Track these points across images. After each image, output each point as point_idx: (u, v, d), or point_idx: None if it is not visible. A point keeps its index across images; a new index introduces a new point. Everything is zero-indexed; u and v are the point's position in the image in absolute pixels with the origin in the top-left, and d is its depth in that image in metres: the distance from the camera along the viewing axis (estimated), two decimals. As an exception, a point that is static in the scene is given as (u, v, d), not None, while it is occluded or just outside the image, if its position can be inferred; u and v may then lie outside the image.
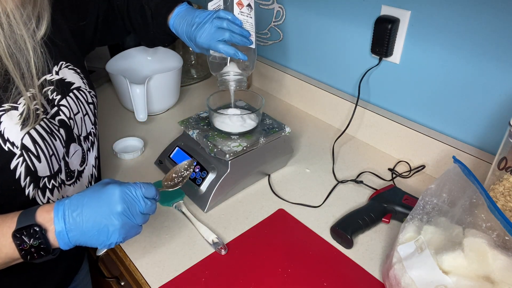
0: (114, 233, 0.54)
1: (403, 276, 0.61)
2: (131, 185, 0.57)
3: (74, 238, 0.53)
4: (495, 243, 0.55)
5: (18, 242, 0.52)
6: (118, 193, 0.55)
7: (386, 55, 0.93)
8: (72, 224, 0.53)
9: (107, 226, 0.54)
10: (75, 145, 0.70)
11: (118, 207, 0.54)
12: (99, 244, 0.55)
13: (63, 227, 0.53)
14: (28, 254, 0.52)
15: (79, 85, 0.71)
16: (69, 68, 0.71)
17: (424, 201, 0.63)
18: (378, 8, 0.92)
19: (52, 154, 0.64)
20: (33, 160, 0.60)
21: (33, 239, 0.52)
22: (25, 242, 0.51)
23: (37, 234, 0.52)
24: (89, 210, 0.53)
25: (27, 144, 0.59)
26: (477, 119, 0.85)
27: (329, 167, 0.97)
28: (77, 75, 0.72)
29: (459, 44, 0.82)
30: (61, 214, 0.53)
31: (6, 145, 0.57)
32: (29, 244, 0.51)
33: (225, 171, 0.83)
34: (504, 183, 0.63)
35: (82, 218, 0.53)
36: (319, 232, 0.79)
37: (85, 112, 0.73)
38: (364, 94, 1.04)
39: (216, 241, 0.75)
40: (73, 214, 0.53)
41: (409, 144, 0.96)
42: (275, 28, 1.20)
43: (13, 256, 0.53)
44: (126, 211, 0.55)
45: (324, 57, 1.11)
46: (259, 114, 0.89)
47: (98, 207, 0.54)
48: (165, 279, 0.70)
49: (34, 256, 0.52)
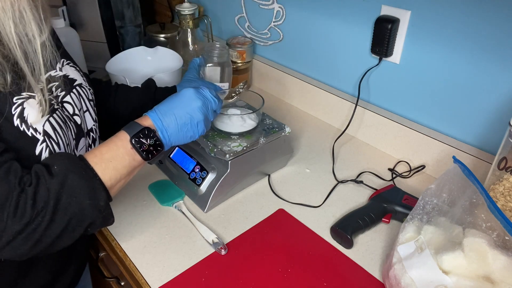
0: (200, 124, 0.68)
1: (403, 276, 0.61)
2: (200, 86, 0.70)
3: (172, 137, 0.65)
4: (495, 243, 0.55)
5: (138, 145, 0.61)
6: (194, 92, 0.68)
7: (386, 55, 0.93)
8: (169, 123, 0.65)
9: (194, 119, 0.67)
10: (84, 139, 0.71)
11: (199, 102, 0.67)
12: (189, 137, 0.68)
13: (162, 127, 0.64)
14: (148, 153, 0.62)
15: (80, 82, 0.72)
16: (70, 66, 0.72)
17: (424, 201, 0.63)
18: (378, 8, 0.92)
19: (68, 144, 0.65)
20: (54, 147, 0.61)
21: (149, 138, 0.62)
22: (144, 144, 0.62)
23: (151, 133, 0.62)
24: (178, 110, 0.66)
25: (48, 131, 0.61)
26: (477, 119, 0.85)
27: (329, 167, 0.97)
28: (78, 72, 0.73)
29: (459, 44, 0.82)
30: (157, 118, 0.64)
31: (30, 131, 0.59)
32: (147, 143, 0.62)
33: (225, 171, 0.83)
34: (504, 183, 0.63)
35: (175, 117, 0.65)
36: (319, 232, 0.79)
37: (86, 109, 0.73)
38: (364, 94, 1.04)
39: (216, 241, 0.75)
40: (166, 117, 0.65)
41: (409, 144, 0.96)
42: (275, 28, 1.20)
43: (133, 163, 0.62)
44: (205, 105, 0.68)
45: (324, 57, 1.11)
46: (259, 114, 0.89)
47: (184, 107, 0.66)
48: (165, 279, 0.70)
49: (154, 153, 0.63)
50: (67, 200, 0.54)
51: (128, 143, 0.61)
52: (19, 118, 0.57)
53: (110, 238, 0.78)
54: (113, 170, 0.59)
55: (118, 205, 0.84)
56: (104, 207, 0.58)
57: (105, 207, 0.58)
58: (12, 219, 0.50)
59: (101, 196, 0.57)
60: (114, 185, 0.60)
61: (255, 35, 1.28)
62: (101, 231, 0.81)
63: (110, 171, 0.59)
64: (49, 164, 0.56)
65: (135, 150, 0.61)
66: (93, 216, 0.57)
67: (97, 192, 0.57)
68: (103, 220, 0.59)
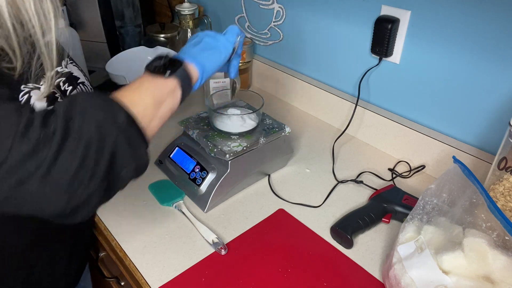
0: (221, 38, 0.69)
1: (403, 276, 0.61)
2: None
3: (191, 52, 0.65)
4: (495, 243, 0.55)
5: (151, 68, 0.58)
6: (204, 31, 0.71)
7: (386, 55, 0.93)
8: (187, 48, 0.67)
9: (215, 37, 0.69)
10: None
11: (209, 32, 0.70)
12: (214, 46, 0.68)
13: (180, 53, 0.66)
14: (165, 68, 0.58)
15: (83, 81, 0.73)
16: (74, 65, 0.73)
17: (424, 201, 0.63)
18: (378, 8, 0.92)
19: None
20: None
21: (163, 58, 0.59)
22: (157, 64, 0.59)
23: (163, 56, 0.60)
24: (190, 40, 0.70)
25: None
26: (477, 119, 0.85)
27: (329, 167, 0.97)
28: (80, 71, 0.74)
29: (459, 44, 0.82)
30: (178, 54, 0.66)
31: None
32: (162, 62, 0.59)
33: (225, 171, 0.83)
34: (504, 183, 0.63)
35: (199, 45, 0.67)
36: (319, 232, 0.79)
37: None
38: (364, 94, 1.04)
39: (216, 241, 0.75)
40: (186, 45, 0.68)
41: (409, 144, 0.96)
42: (275, 28, 1.20)
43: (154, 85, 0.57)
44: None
45: (324, 57, 1.11)
46: (259, 114, 0.89)
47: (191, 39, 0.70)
48: (165, 279, 0.70)
49: (171, 66, 0.59)
50: (79, 119, 0.46)
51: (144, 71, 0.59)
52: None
53: (110, 238, 0.78)
54: (132, 92, 0.54)
55: (118, 205, 0.84)
56: (124, 124, 0.50)
57: (126, 125, 0.50)
58: (21, 139, 0.44)
59: (119, 112, 0.50)
60: (141, 113, 0.53)
61: (255, 35, 1.28)
62: (101, 231, 0.81)
63: (128, 93, 0.54)
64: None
65: (151, 73, 0.58)
66: (112, 135, 0.48)
67: (113, 107, 0.50)
68: (128, 146, 0.50)
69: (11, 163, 0.43)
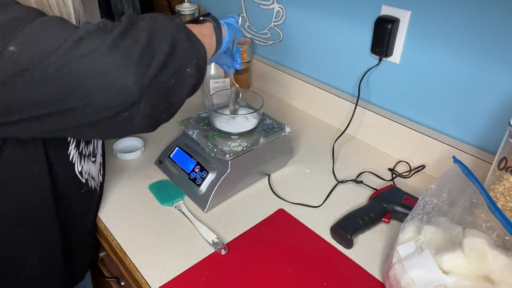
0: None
1: (403, 276, 0.61)
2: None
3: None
4: (495, 243, 0.55)
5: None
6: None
7: (386, 55, 0.93)
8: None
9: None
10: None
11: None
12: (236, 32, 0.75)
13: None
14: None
15: None
16: None
17: (424, 201, 0.63)
18: (378, 8, 0.92)
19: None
20: None
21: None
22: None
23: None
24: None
25: None
26: (477, 119, 0.85)
27: (329, 167, 0.97)
28: None
29: (459, 44, 0.82)
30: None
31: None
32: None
33: (225, 171, 0.83)
34: (504, 183, 0.63)
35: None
36: (319, 232, 0.79)
37: None
38: (364, 94, 1.04)
39: (216, 241, 0.75)
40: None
41: (409, 144, 0.96)
42: (275, 28, 1.20)
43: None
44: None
45: (324, 57, 1.11)
46: (259, 114, 0.89)
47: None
48: (165, 279, 0.70)
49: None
50: (141, 21, 0.50)
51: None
52: None
53: (110, 238, 0.78)
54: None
55: (118, 205, 0.84)
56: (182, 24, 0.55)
57: (183, 25, 0.56)
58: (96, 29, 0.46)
59: (175, 18, 0.56)
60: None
61: (255, 35, 1.28)
62: (101, 231, 0.81)
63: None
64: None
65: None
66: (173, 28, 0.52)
67: (170, 16, 0.55)
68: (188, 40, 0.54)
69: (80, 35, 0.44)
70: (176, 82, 0.51)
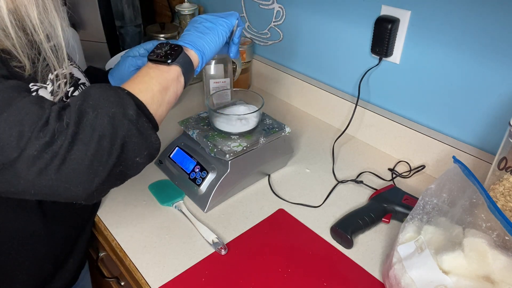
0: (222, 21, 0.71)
1: (403, 276, 0.61)
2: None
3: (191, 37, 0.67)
4: (495, 243, 0.55)
5: (154, 57, 0.62)
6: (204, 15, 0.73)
7: (386, 55, 0.93)
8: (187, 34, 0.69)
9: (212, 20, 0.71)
10: None
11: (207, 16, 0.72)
12: (213, 33, 0.69)
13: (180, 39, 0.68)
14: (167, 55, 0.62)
15: (84, 81, 0.73)
16: (74, 66, 0.73)
17: (424, 201, 0.63)
18: (378, 8, 0.92)
19: None
20: None
21: (163, 47, 0.64)
22: (159, 53, 0.62)
23: (163, 44, 0.64)
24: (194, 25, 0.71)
25: None
26: (477, 119, 0.85)
27: (329, 167, 0.97)
28: (81, 73, 0.74)
29: (459, 44, 0.82)
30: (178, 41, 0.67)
31: None
32: (163, 50, 0.63)
33: (225, 171, 0.83)
34: (504, 183, 0.63)
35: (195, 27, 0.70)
36: (319, 232, 0.79)
37: None
38: (364, 94, 1.04)
39: (216, 241, 0.75)
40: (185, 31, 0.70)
41: (409, 144, 0.96)
42: (275, 28, 1.20)
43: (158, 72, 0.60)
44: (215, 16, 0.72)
45: (324, 57, 1.11)
46: (259, 114, 0.89)
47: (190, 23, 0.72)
48: (165, 279, 0.70)
49: (173, 53, 0.62)
50: (92, 114, 0.49)
51: (148, 61, 0.62)
52: None
53: (110, 238, 0.78)
54: (139, 83, 0.58)
55: (118, 205, 0.84)
56: (135, 116, 0.52)
57: (136, 117, 0.52)
58: (38, 133, 0.46)
59: (129, 104, 0.52)
60: (149, 101, 0.56)
61: (255, 35, 1.28)
62: (101, 231, 0.81)
63: (136, 84, 0.57)
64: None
65: (154, 62, 0.61)
66: (124, 128, 0.51)
67: (124, 100, 0.52)
68: (141, 136, 0.53)
69: (30, 153, 0.46)
70: (125, 170, 0.53)
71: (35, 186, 0.47)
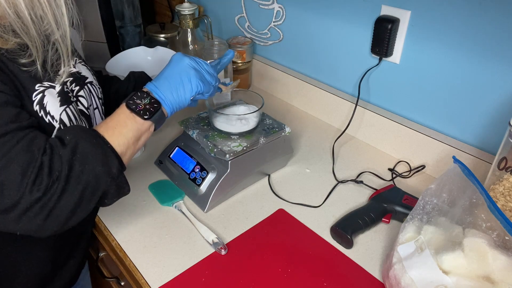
0: (193, 79, 0.69)
1: (403, 276, 0.61)
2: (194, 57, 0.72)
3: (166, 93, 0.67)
4: (495, 243, 0.55)
5: (134, 106, 0.63)
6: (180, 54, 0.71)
7: (386, 55, 0.93)
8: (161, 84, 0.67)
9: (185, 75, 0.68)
10: None
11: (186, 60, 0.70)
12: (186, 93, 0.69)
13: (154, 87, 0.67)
14: (146, 111, 0.64)
15: (91, 80, 0.74)
16: (82, 64, 0.74)
17: (424, 201, 0.63)
18: (378, 8, 0.92)
19: None
20: None
21: (143, 99, 0.64)
22: (139, 104, 0.64)
23: (144, 94, 0.65)
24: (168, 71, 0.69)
25: (65, 120, 0.63)
26: (477, 119, 0.85)
27: (329, 167, 0.97)
28: (89, 71, 0.75)
29: (459, 44, 0.82)
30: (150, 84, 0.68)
31: (47, 118, 0.61)
32: (142, 103, 0.64)
33: (225, 171, 0.83)
34: (504, 183, 0.63)
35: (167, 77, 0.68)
36: (319, 232, 0.79)
37: (96, 106, 0.75)
38: (364, 94, 1.04)
39: (216, 241, 0.75)
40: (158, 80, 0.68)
41: (409, 144, 0.96)
42: (275, 28, 1.20)
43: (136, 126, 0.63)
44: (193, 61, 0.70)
45: (324, 57, 1.11)
46: (259, 114, 0.89)
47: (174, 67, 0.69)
48: (165, 279, 0.70)
49: (151, 110, 0.64)
50: (79, 168, 0.55)
51: (126, 108, 0.63)
52: (39, 104, 0.60)
53: (110, 238, 0.78)
54: (119, 135, 0.61)
55: (118, 205, 0.84)
56: (117, 174, 0.59)
57: (118, 174, 0.60)
58: (31, 187, 0.51)
59: (114, 163, 0.59)
60: (125, 152, 0.62)
61: (255, 35, 1.28)
62: (101, 231, 0.81)
63: (117, 137, 0.61)
64: (61, 135, 0.58)
65: (133, 112, 0.63)
66: (106, 184, 0.58)
67: (109, 158, 0.58)
68: (117, 189, 0.61)
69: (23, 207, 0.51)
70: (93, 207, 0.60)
71: (21, 229, 0.53)
